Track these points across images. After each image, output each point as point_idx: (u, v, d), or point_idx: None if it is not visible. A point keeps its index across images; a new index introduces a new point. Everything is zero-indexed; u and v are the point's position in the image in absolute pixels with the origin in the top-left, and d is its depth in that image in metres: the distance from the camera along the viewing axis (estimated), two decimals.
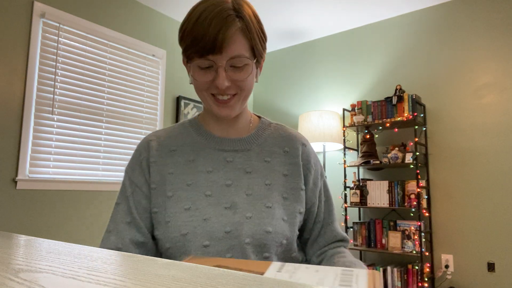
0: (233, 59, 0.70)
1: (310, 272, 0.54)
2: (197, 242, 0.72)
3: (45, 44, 2.62)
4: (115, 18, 3.07)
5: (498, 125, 2.87)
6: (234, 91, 0.73)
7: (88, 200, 2.76)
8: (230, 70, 0.71)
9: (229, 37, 0.68)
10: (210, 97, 0.74)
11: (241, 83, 0.73)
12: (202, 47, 0.68)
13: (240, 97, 0.75)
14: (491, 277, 2.78)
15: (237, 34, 0.69)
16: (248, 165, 0.79)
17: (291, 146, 0.84)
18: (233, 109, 0.75)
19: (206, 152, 0.80)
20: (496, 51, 2.94)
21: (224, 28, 0.67)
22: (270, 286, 0.23)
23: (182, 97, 3.49)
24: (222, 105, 0.74)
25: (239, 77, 0.72)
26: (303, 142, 0.86)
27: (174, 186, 0.77)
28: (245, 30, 0.70)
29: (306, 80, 4.00)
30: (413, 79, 3.31)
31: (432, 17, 3.27)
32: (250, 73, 0.73)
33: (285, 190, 0.80)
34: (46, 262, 0.30)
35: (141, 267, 0.28)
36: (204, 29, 0.67)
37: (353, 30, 3.74)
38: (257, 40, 0.72)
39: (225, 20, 0.68)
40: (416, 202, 2.92)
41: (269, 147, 0.83)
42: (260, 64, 0.78)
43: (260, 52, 0.75)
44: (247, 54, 0.71)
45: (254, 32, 0.72)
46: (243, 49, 0.70)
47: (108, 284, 0.23)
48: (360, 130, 3.44)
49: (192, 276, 0.25)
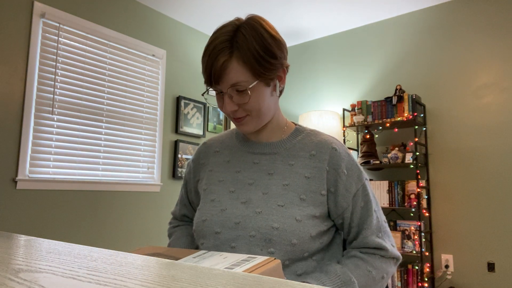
0: (233, 86, 0.77)
1: (218, 258, 0.62)
2: (212, 228, 0.82)
3: (45, 44, 2.62)
4: (115, 18, 3.07)
5: (498, 125, 2.87)
6: (244, 114, 0.81)
7: (88, 200, 2.76)
8: (236, 95, 0.79)
9: (222, 68, 0.76)
10: (231, 118, 0.84)
11: (246, 106, 0.79)
12: (207, 78, 0.79)
13: (252, 117, 0.82)
14: (491, 277, 2.78)
15: (230, 64, 0.76)
16: (272, 167, 0.85)
17: (318, 150, 0.85)
18: (249, 126, 0.83)
19: (239, 154, 0.91)
20: (496, 51, 2.94)
21: (215, 61, 0.76)
22: (270, 286, 0.23)
23: (182, 97, 3.49)
24: (239, 123, 0.84)
25: (242, 101, 0.79)
26: (333, 146, 0.85)
27: (209, 181, 0.91)
28: (240, 58, 0.76)
29: (306, 80, 4.00)
30: (413, 79, 3.31)
31: (432, 17, 3.27)
32: (252, 95, 0.78)
33: (304, 192, 0.81)
34: (46, 262, 0.30)
35: (141, 267, 0.28)
36: (205, 63, 0.78)
37: (353, 30, 3.74)
38: (255, 64, 0.76)
39: (218, 54, 0.76)
40: (416, 202, 2.92)
41: (296, 151, 0.86)
42: (269, 79, 0.80)
43: (262, 72, 0.77)
44: (245, 78, 0.76)
45: (251, 56, 0.75)
46: (240, 76, 0.76)
47: (108, 284, 0.23)
48: (360, 130, 3.44)
49: (192, 276, 0.25)
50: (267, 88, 0.81)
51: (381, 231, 0.84)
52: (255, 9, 3.36)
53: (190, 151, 3.52)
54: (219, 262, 0.60)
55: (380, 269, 0.82)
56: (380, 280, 0.82)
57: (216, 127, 3.82)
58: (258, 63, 0.76)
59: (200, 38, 3.81)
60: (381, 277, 0.81)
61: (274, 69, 0.79)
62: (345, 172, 0.83)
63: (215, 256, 0.65)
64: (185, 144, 3.47)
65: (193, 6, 3.34)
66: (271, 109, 0.84)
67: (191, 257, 0.66)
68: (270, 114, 0.85)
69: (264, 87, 0.80)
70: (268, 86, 0.81)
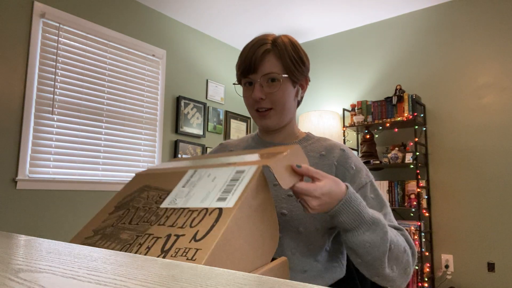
0: (266, 75, 0.88)
1: (208, 184, 0.62)
2: None
3: (45, 44, 2.62)
4: (115, 18, 3.07)
5: (498, 125, 2.87)
6: (269, 105, 0.89)
7: (88, 200, 2.76)
8: (266, 86, 0.88)
9: (261, 59, 0.88)
10: (255, 112, 0.92)
11: (273, 96, 0.88)
12: (244, 68, 0.89)
13: (276, 111, 0.90)
14: (491, 277, 2.78)
15: (269, 56, 0.88)
16: None
17: (328, 151, 0.92)
18: (272, 120, 0.91)
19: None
20: (496, 51, 2.94)
21: (257, 52, 0.88)
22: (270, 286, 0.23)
23: (182, 97, 3.49)
24: (262, 117, 0.91)
25: (271, 90, 0.88)
26: (342, 148, 0.93)
27: None
28: (277, 52, 0.88)
29: None
30: (413, 79, 3.31)
31: (432, 17, 3.27)
32: (281, 87, 0.88)
33: None
34: (46, 262, 0.30)
35: (141, 267, 0.28)
36: (245, 55, 0.89)
37: (353, 30, 3.74)
38: (288, 61, 0.88)
39: (260, 47, 0.88)
40: (416, 202, 2.92)
41: (307, 152, 0.93)
42: (298, 83, 0.93)
43: (293, 72, 0.89)
44: (279, 71, 0.88)
45: (286, 55, 0.88)
46: (274, 68, 0.88)
47: (108, 284, 0.23)
48: (360, 130, 3.44)
49: (192, 276, 0.25)
50: (292, 88, 0.91)
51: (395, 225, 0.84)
52: (255, 9, 3.36)
53: (190, 151, 3.52)
54: (210, 190, 0.60)
55: (401, 240, 0.80)
56: (402, 252, 0.78)
57: (216, 127, 3.82)
58: (291, 62, 0.88)
59: (200, 38, 3.81)
60: (403, 248, 0.78)
61: (301, 72, 0.91)
62: (353, 167, 0.89)
63: (203, 180, 0.64)
64: (185, 144, 3.47)
65: (193, 6, 3.34)
66: (291, 110, 0.93)
67: (181, 186, 0.66)
68: (290, 115, 0.94)
69: (291, 86, 0.91)
70: (293, 87, 0.92)
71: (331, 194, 0.69)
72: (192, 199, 0.60)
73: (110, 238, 0.60)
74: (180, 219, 0.56)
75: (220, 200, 0.57)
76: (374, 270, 0.75)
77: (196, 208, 0.57)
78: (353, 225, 0.72)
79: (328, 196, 0.69)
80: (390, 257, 0.75)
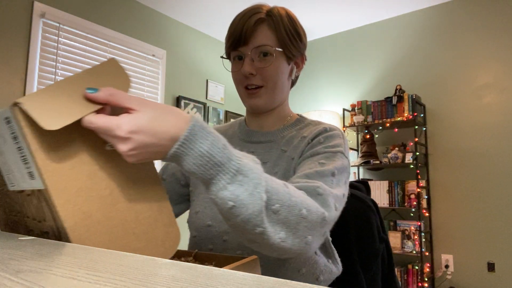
0: (257, 48, 0.77)
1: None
2: (203, 221, 0.79)
3: (45, 44, 2.62)
4: (115, 18, 3.07)
5: (498, 125, 2.87)
6: (260, 82, 0.79)
7: None
8: (257, 60, 0.78)
9: (253, 29, 0.78)
10: (243, 90, 0.82)
11: (265, 72, 0.78)
12: (233, 40, 0.79)
13: (267, 89, 0.80)
14: (491, 277, 2.78)
15: (262, 26, 0.78)
16: (266, 156, 0.82)
17: (310, 132, 0.80)
18: (262, 100, 0.81)
19: (237, 143, 0.87)
20: (496, 51, 2.94)
21: (248, 22, 0.77)
22: (270, 285, 0.23)
23: (182, 97, 3.49)
24: (251, 95, 0.81)
25: (263, 65, 0.78)
26: (325, 127, 0.80)
27: None
28: (271, 23, 0.78)
29: (306, 80, 4.00)
30: (413, 79, 3.31)
31: (432, 17, 3.27)
32: (273, 62, 0.78)
33: (290, 174, 0.77)
34: (46, 262, 0.30)
35: (141, 267, 0.28)
36: (235, 26, 0.79)
37: (353, 30, 3.74)
38: (283, 34, 0.78)
39: (253, 17, 0.78)
40: (416, 202, 2.92)
41: (291, 138, 0.82)
42: (293, 60, 0.83)
43: (289, 46, 0.79)
44: (272, 44, 0.78)
45: (281, 26, 0.78)
46: (267, 40, 0.78)
47: (108, 284, 0.23)
48: (360, 130, 3.44)
49: (192, 276, 0.25)
50: (286, 65, 0.82)
51: (327, 182, 0.67)
52: None
53: None
54: (14, 159, 0.44)
55: (300, 199, 0.58)
56: (297, 215, 0.56)
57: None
58: (286, 34, 0.79)
59: (200, 38, 3.81)
60: (298, 210, 0.56)
61: (297, 48, 0.81)
62: (322, 139, 0.77)
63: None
64: None
65: (193, 6, 3.34)
66: (284, 90, 0.83)
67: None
68: (282, 96, 0.84)
69: (285, 62, 0.81)
70: (288, 64, 0.82)
71: (154, 130, 0.46)
72: (16, 176, 0.45)
73: None
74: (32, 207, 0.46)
75: (31, 177, 0.43)
76: (247, 234, 0.54)
77: (28, 191, 0.45)
78: (207, 174, 0.49)
79: (149, 135, 0.46)
80: (276, 220, 0.54)
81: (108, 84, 0.48)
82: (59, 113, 0.42)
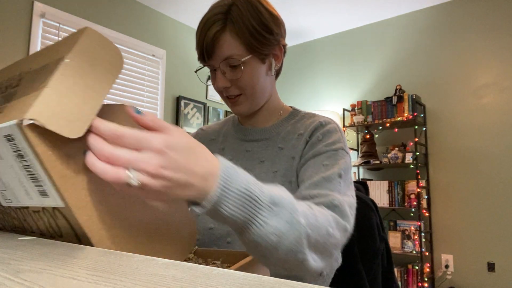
0: (225, 61, 0.73)
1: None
2: (205, 224, 0.78)
3: (45, 44, 2.62)
4: (115, 18, 3.07)
5: (498, 125, 2.87)
6: (237, 92, 0.76)
7: None
8: (229, 71, 0.74)
9: (215, 41, 0.72)
10: (225, 98, 0.80)
11: (239, 83, 0.75)
12: (200, 53, 0.75)
13: (247, 96, 0.77)
14: (491, 277, 2.78)
15: (223, 36, 0.72)
16: (263, 155, 0.81)
17: (306, 128, 0.79)
18: (243, 107, 0.79)
19: (232, 142, 0.87)
20: (496, 51, 2.94)
21: (208, 34, 0.71)
22: (270, 285, 0.23)
23: (182, 97, 3.49)
24: (233, 103, 0.79)
25: (235, 76, 0.74)
26: (321, 121, 0.78)
27: None
28: (233, 30, 0.71)
29: (306, 80, 4.00)
30: (413, 79, 3.31)
31: (432, 17, 3.27)
32: (245, 71, 0.73)
33: (292, 174, 0.76)
34: (46, 262, 0.30)
35: (141, 267, 0.28)
36: (198, 36, 0.74)
37: (353, 30, 3.74)
38: (249, 37, 0.71)
39: (211, 27, 0.71)
40: (416, 202, 2.92)
41: (287, 134, 0.81)
42: (263, 54, 0.75)
43: (257, 46, 0.73)
44: (239, 52, 0.72)
45: (244, 29, 0.71)
46: (233, 49, 0.72)
47: (108, 284, 0.23)
48: (360, 130, 3.44)
49: (192, 276, 0.25)
50: (262, 65, 0.76)
51: (341, 194, 0.66)
52: None
53: None
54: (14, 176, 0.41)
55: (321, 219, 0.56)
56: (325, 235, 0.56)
57: None
58: (252, 37, 0.72)
59: None
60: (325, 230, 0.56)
61: (269, 44, 0.75)
62: (320, 136, 0.76)
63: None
64: None
65: (193, 6, 3.34)
66: (266, 89, 0.80)
67: None
68: (266, 95, 0.81)
69: (259, 63, 0.75)
70: (263, 63, 0.76)
71: (187, 159, 0.41)
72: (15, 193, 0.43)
73: None
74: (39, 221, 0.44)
75: (43, 195, 0.40)
76: (287, 264, 0.51)
77: (37, 208, 0.42)
78: (247, 215, 0.45)
79: (184, 158, 0.41)
80: (309, 244, 0.52)
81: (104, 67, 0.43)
82: (74, 116, 0.38)
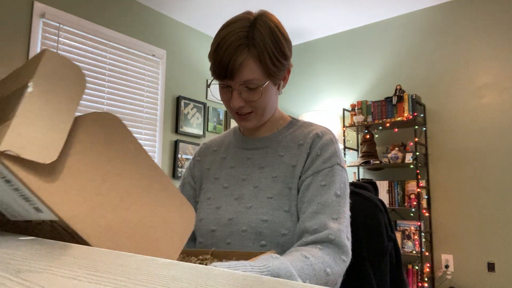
0: (245, 83, 0.77)
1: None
2: (208, 226, 0.83)
3: (45, 44, 2.62)
4: (115, 18, 3.07)
5: (498, 125, 2.87)
6: (250, 110, 0.81)
7: None
8: (245, 92, 0.79)
9: (239, 65, 0.75)
10: (234, 113, 0.84)
11: (254, 104, 0.80)
12: (218, 73, 0.78)
13: (257, 114, 0.82)
14: (491, 277, 2.78)
15: (247, 61, 0.76)
16: (263, 161, 0.86)
17: (305, 139, 0.85)
18: (252, 123, 0.84)
19: (234, 151, 0.92)
20: (496, 51, 2.94)
21: (234, 57, 0.75)
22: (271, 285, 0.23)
23: (182, 97, 3.49)
24: (242, 119, 0.83)
25: (252, 98, 0.79)
26: (318, 133, 0.84)
27: (206, 179, 0.92)
28: (256, 56, 0.76)
29: (306, 80, 4.00)
30: (413, 79, 3.31)
31: (432, 17, 3.27)
32: (263, 93, 0.79)
33: (292, 181, 0.81)
34: (46, 262, 0.30)
35: (141, 267, 0.28)
36: (220, 57, 0.76)
37: (353, 30, 3.74)
38: (268, 63, 0.76)
39: (237, 49, 0.75)
40: (416, 202, 2.92)
41: (287, 143, 0.86)
42: (278, 79, 0.82)
43: (275, 72, 0.78)
44: (258, 77, 0.77)
45: (266, 55, 0.76)
46: (254, 74, 0.77)
47: (108, 284, 0.23)
48: (360, 130, 3.44)
49: (192, 276, 0.25)
50: (274, 87, 0.83)
51: (338, 218, 0.73)
52: (255, 9, 3.36)
53: (190, 151, 3.52)
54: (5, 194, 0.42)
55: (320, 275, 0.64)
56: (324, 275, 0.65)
57: (216, 127, 3.82)
58: (272, 63, 0.77)
59: (200, 38, 3.81)
60: (323, 272, 0.64)
61: (283, 69, 0.82)
62: (318, 152, 0.82)
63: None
64: (185, 144, 3.47)
65: (193, 6, 3.34)
66: (274, 107, 0.86)
67: None
68: (272, 112, 0.87)
69: (272, 86, 0.82)
70: (275, 86, 0.83)
71: None
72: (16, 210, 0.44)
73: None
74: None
75: (38, 211, 0.41)
76: None
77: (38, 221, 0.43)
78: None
79: None
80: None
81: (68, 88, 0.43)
82: (46, 141, 0.38)
